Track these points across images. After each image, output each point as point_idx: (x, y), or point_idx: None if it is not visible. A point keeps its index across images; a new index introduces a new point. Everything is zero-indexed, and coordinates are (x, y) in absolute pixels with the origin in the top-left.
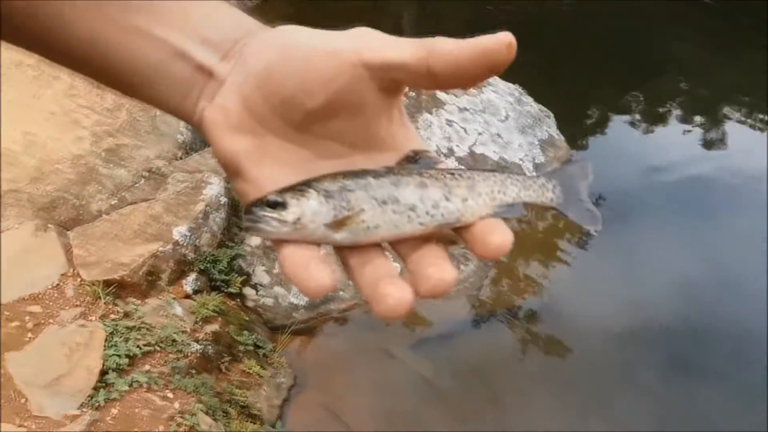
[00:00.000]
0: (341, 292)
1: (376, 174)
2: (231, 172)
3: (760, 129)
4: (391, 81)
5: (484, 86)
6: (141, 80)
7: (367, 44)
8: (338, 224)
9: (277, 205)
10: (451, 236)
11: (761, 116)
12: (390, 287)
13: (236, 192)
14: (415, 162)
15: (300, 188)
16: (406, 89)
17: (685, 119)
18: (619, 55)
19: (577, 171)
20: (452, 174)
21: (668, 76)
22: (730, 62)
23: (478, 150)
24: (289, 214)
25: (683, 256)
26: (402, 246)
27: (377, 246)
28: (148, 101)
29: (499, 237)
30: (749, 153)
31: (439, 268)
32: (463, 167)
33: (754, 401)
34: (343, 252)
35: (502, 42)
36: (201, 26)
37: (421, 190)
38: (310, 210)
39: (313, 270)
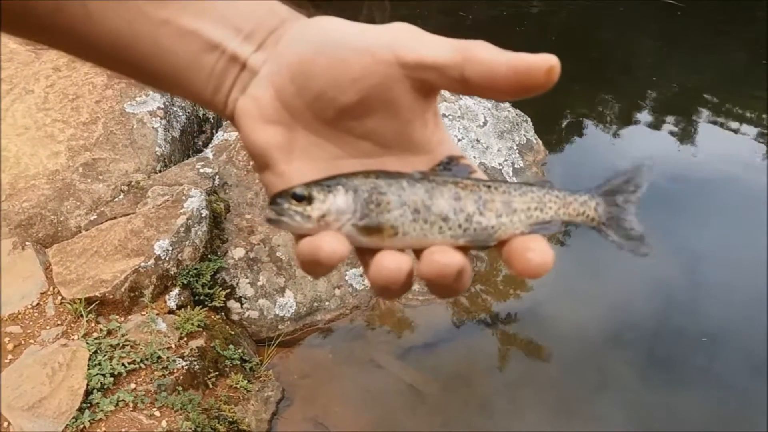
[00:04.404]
0: (327, 303)
1: (410, 179)
2: (260, 163)
3: (731, 128)
4: (424, 81)
5: None
6: (173, 74)
7: (403, 42)
8: (368, 232)
9: (303, 199)
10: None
11: (732, 115)
12: (386, 257)
13: (263, 184)
14: (449, 169)
15: (329, 183)
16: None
17: (658, 119)
18: (590, 56)
19: (625, 185)
20: (488, 186)
21: (639, 76)
22: (700, 62)
23: None
24: (314, 210)
25: (661, 257)
26: None
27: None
28: (181, 94)
29: (540, 255)
30: (722, 152)
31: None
32: (500, 180)
33: (735, 402)
34: (363, 251)
35: (543, 64)
36: (233, 16)
37: (455, 201)
38: (337, 208)
39: (329, 239)
